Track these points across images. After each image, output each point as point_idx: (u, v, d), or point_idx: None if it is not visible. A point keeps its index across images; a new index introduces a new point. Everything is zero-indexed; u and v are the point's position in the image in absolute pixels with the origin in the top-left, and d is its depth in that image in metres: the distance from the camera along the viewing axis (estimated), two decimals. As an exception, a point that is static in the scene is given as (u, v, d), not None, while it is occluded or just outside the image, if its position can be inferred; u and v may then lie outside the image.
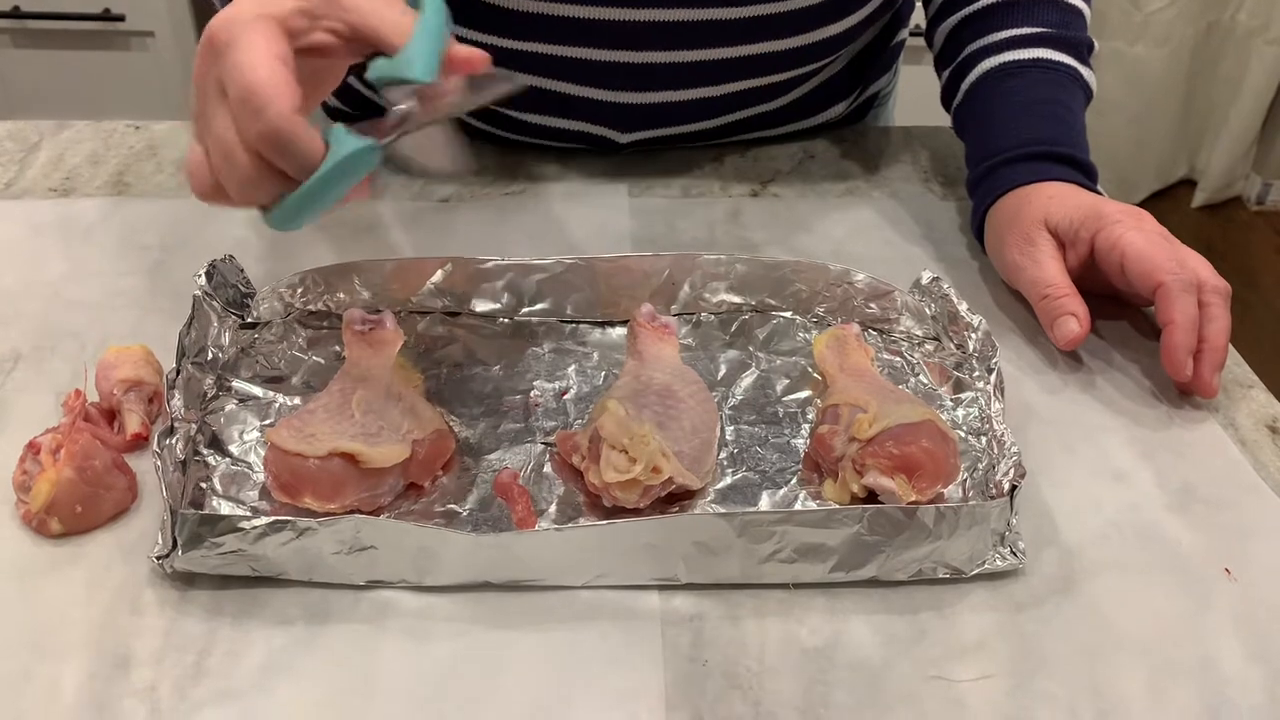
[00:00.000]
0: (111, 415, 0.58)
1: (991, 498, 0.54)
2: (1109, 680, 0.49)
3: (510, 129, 0.83)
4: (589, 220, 0.77)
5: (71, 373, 0.61)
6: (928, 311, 0.66)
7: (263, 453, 0.55)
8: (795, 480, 0.57)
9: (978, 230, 0.75)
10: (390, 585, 0.51)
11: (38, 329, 0.65)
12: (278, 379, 0.61)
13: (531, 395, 0.62)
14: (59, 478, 0.52)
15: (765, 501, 0.56)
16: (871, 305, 0.67)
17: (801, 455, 0.58)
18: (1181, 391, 0.64)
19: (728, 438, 0.59)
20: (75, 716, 0.46)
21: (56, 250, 0.72)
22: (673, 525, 0.51)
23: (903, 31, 0.91)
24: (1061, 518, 0.56)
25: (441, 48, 0.50)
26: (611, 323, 0.67)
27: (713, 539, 0.50)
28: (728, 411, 0.61)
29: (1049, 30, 0.75)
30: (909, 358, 0.65)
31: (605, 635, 0.50)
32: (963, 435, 0.59)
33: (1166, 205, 2.48)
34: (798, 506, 0.56)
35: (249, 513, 0.53)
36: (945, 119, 0.82)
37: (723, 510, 0.55)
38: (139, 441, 0.57)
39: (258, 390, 0.60)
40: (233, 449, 0.57)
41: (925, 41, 0.84)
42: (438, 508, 0.55)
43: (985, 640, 0.51)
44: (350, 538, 0.50)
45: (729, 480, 0.57)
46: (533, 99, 0.79)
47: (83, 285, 0.69)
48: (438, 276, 0.66)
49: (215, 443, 0.57)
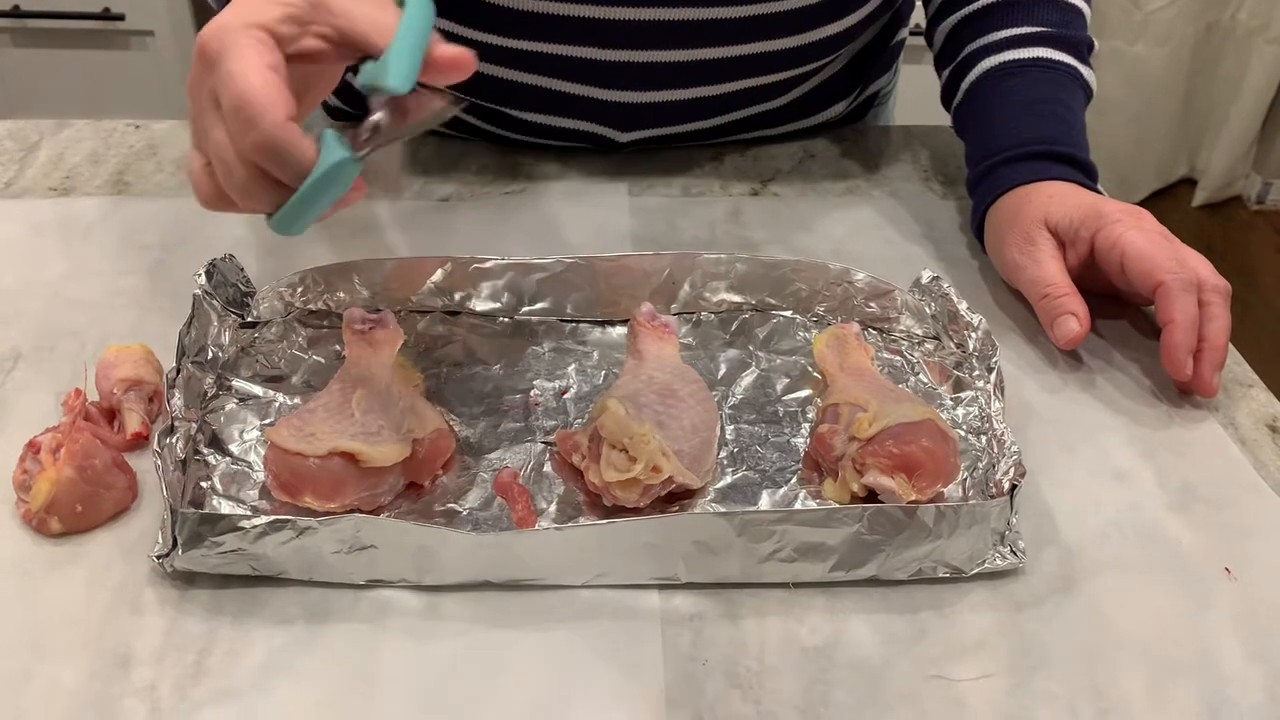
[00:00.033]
0: (111, 414, 0.58)
1: (991, 497, 0.54)
2: (1109, 679, 0.49)
3: (510, 128, 0.83)
4: (589, 219, 0.77)
5: (71, 372, 0.61)
6: (928, 311, 0.66)
7: (263, 452, 0.55)
8: (795, 479, 0.57)
9: (978, 229, 0.75)
10: (390, 584, 0.51)
11: (38, 328, 0.65)
12: (278, 378, 0.61)
13: (531, 394, 0.62)
14: (59, 477, 0.52)
15: (765, 501, 0.56)
16: (871, 304, 0.67)
17: (801, 454, 0.58)
18: (1181, 391, 0.64)
19: (728, 437, 0.59)
20: (75, 716, 0.46)
21: (56, 249, 0.72)
22: (673, 524, 0.51)
23: (903, 31, 0.91)
24: (1061, 517, 0.56)
25: (420, 55, 0.49)
26: (611, 322, 0.67)
27: (713, 538, 0.50)
28: (728, 411, 0.61)
29: (1049, 29, 0.75)
30: (909, 357, 0.65)
31: (605, 634, 0.50)
32: (963, 434, 0.59)
33: (1167, 204, 2.48)
34: (798, 506, 0.56)
35: (249, 512, 0.53)
36: (945, 118, 0.82)
37: (723, 509, 0.55)
38: (139, 441, 0.57)
39: (258, 389, 0.60)
40: (233, 448, 0.57)
41: (925, 41, 0.84)
42: (438, 507, 0.55)
43: (985, 639, 0.51)
44: (350, 537, 0.50)
45: (729, 479, 0.57)
46: (533, 98, 0.79)
47: (83, 284, 0.69)
48: (438, 276, 0.66)
49: (215, 442, 0.57)
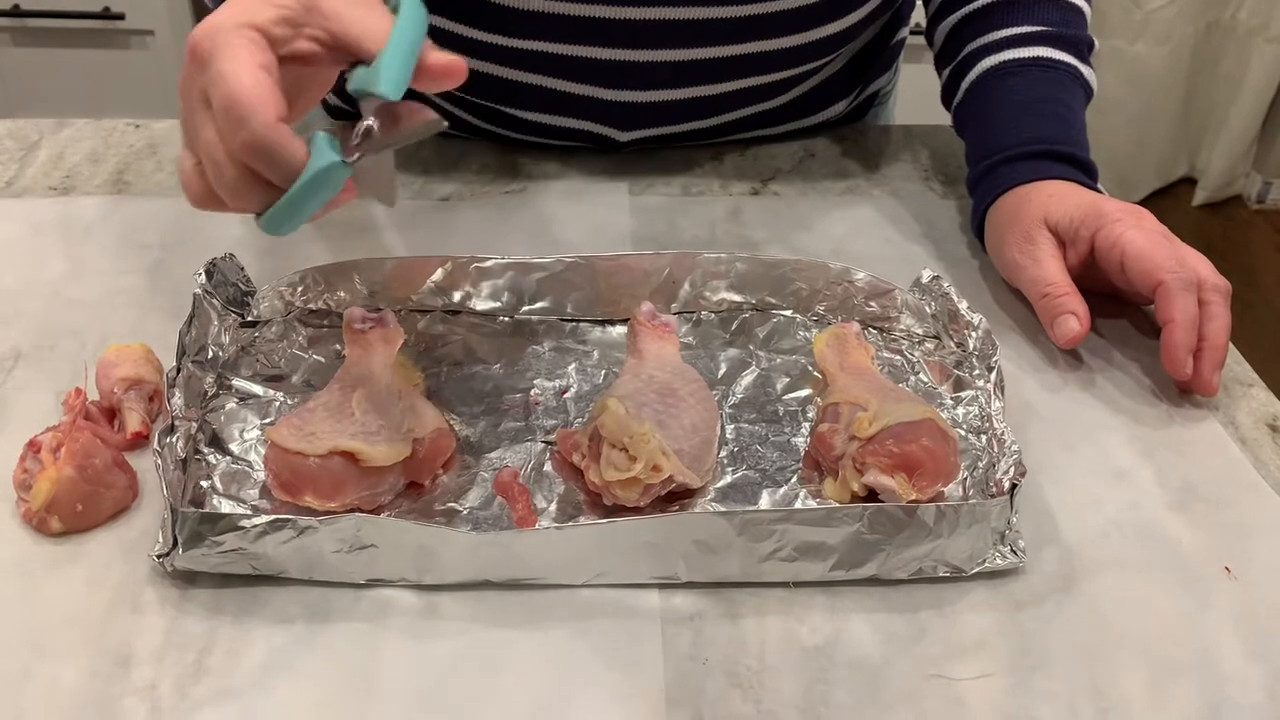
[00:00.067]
0: (112, 414, 0.58)
1: (992, 496, 0.54)
2: (1109, 678, 0.49)
3: (510, 127, 0.83)
4: (589, 219, 0.77)
5: (72, 371, 0.61)
6: (928, 310, 0.66)
7: (263, 451, 0.55)
8: (795, 479, 0.57)
9: (978, 229, 0.75)
10: (390, 584, 0.51)
11: (38, 327, 0.65)
12: (278, 377, 0.61)
13: (532, 394, 0.62)
14: (59, 476, 0.52)
15: (765, 500, 0.56)
16: (872, 304, 0.67)
17: (802, 454, 0.58)
18: (1182, 390, 0.64)
19: (728, 436, 0.59)
20: (75, 715, 0.46)
21: (56, 249, 0.72)
22: (673, 524, 0.51)
23: (903, 30, 0.91)
24: (1062, 516, 0.56)
25: (413, 62, 0.49)
26: (612, 321, 0.67)
27: (713, 538, 0.50)
28: (728, 410, 0.61)
29: (1049, 29, 0.75)
30: (909, 356, 0.65)
31: (605, 634, 0.50)
32: (963, 434, 0.59)
33: (1167, 204, 2.48)
34: (798, 505, 0.56)
35: (249, 511, 0.53)
36: (945, 117, 0.82)
37: (723, 509, 0.55)
38: (139, 440, 0.57)
39: (258, 389, 0.60)
40: (233, 447, 0.57)
41: (925, 40, 0.84)
42: (438, 506, 0.55)
43: (985, 639, 0.51)
44: (350, 536, 0.50)
45: (729, 479, 0.57)
46: (533, 97, 0.79)
47: (83, 284, 0.69)
48: (438, 275, 0.66)
49: (216, 441, 0.57)
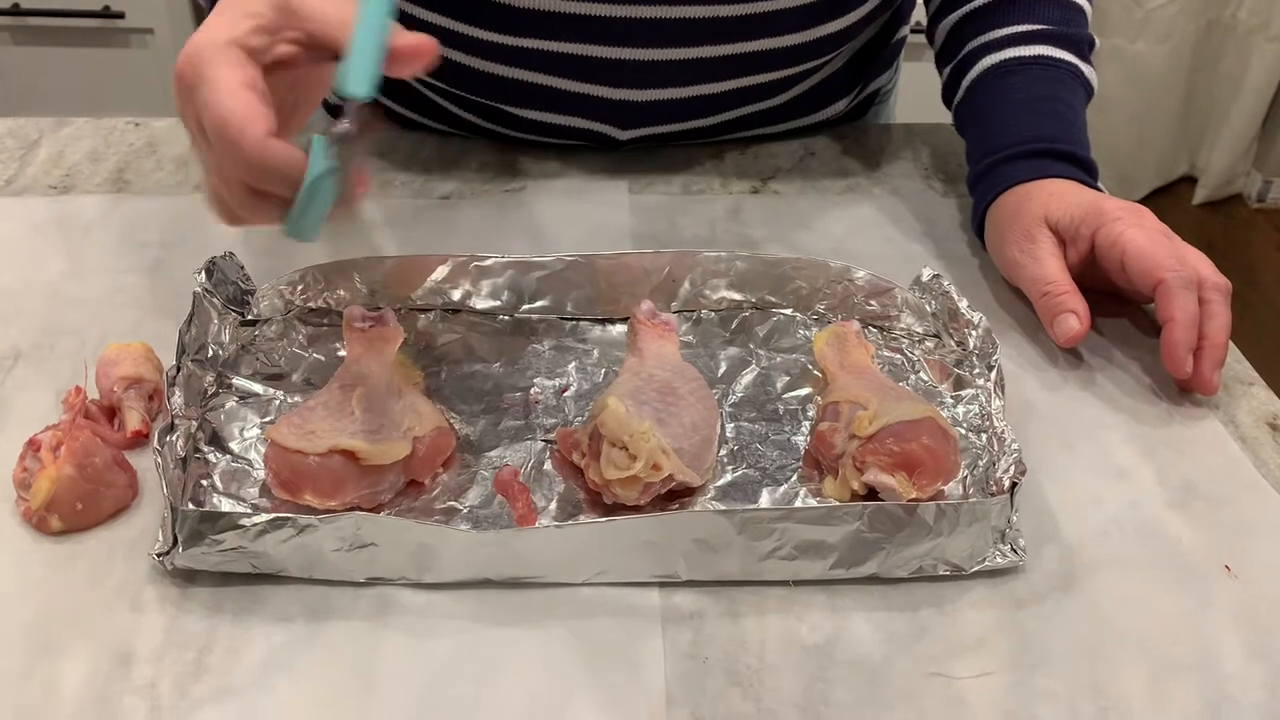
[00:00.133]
0: (112, 412, 0.58)
1: (992, 495, 0.54)
2: (1109, 677, 0.49)
3: (510, 125, 0.83)
4: (589, 217, 0.77)
5: (72, 370, 0.61)
6: (928, 309, 0.66)
7: (263, 450, 0.55)
8: (795, 477, 0.57)
9: (978, 227, 0.75)
10: (390, 582, 0.51)
11: (38, 326, 0.65)
12: (278, 376, 0.61)
13: (532, 392, 0.62)
14: (59, 475, 0.51)
15: (765, 499, 0.56)
16: (872, 302, 0.67)
17: (802, 452, 0.58)
18: (1182, 389, 0.64)
19: (728, 435, 0.59)
20: (76, 714, 0.46)
21: (56, 248, 0.72)
22: (673, 522, 0.51)
23: (904, 28, 0.91)
24: (1062, 515, 0.56)
25: (380, 54, 0.49)
26: (612, 320, 0.67)
27: (713, 536, 0.50)
28: (728, 409, 0.61)
29: (1050, 27, 0.75)
30: (909, 355, 0.65)
31: (605, 632, 0.50)
32: (963, 432, 0.59)
33: (1167, 202, 2.48)
34: (798, 504, 0.56)
35: (249, 510, 0.53)
36: (946, 116, 0.82)
37: (723, 507, 0.55)
38: (139, 439, 0.57)
39: (258, 387, 0.60)
40: (233, 446, 0.57)
41: (926, 39, 0.84)
42: (438, 505, 0.55)
43: (985, 637, 0.51)
44: (350, 535, 0.50)
45: (729, 477, 0.57)
46: (533, 95, 0.79)
47: (83, 282, 0.69)
48: (438, 274, 0.66)
49: (216, 440, 0.57)
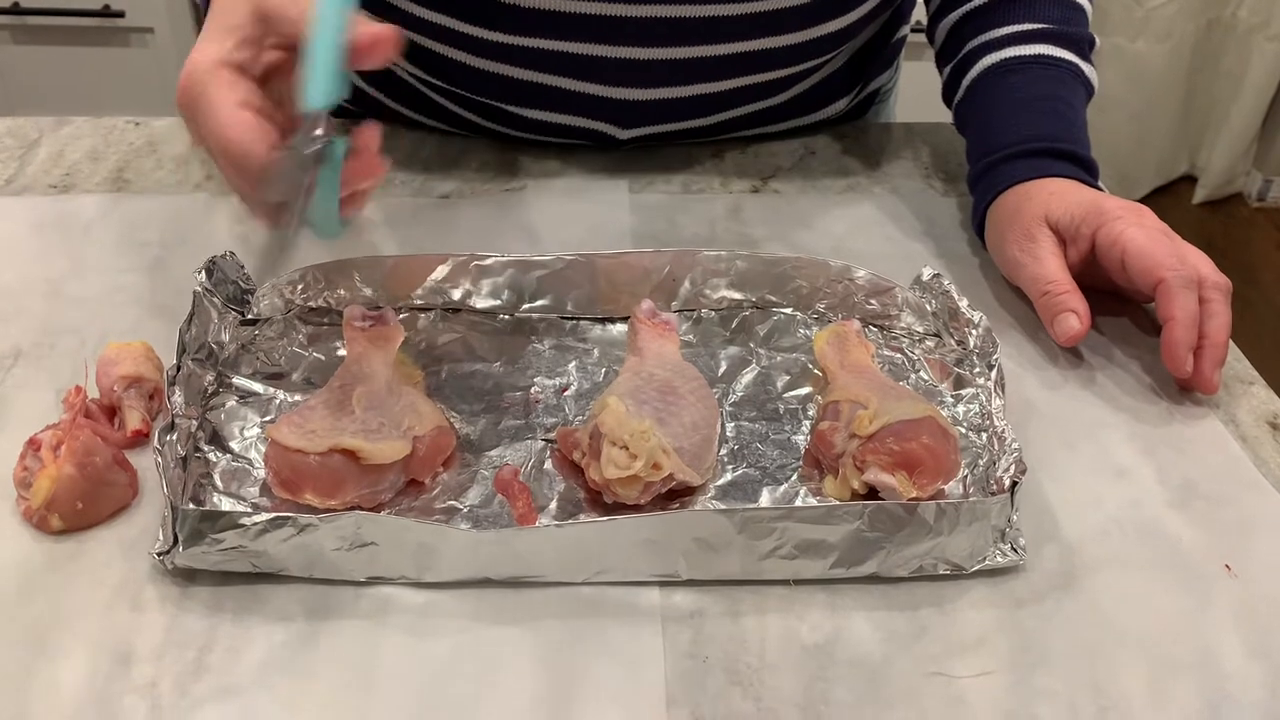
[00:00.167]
0: (112, 412, 0.58)
1: (992, 494, 0.54)
2: (1109, 676, 0.49)
3: (510, 125, 0.83)
4: (589, 216, 0.77)
5: (72, 369, 0.61)
6: (928, 308, 0.66)
7: (263, 449, 0.55)
8: (796, 477, 0.57)
9: (978, 226, 0.75)
10: (391, 581, 0.51)
11: (38, 326, 0.65)
12: (278, 375, 0.61)
13: (532, 392, 0.62)
14: (60, 474, 0.51)
15: (766, 498, 0.56)
16: (872, 301, 0.67)
17: (802, 452, 0.58)
18: (1182, 388, 0.64)
19: (728, 434, 0.59)
20: (76, 713, 0.46)
21: (56, 247, 0.72)
22: (673, 521, 0.51)
23: (904, 28, 0.91)
24: (1062, 514, 0.56)
25: (338, 61, 0.49)
26: (612, 319, 0.67)
27: (713, 535, 0.50)
28: (728, 408, 0.61)
29: (1050, 26, 0.75)
30: (910, 354, 0.65)
31: (605, 632, 0.50)
32: (963, 431, 0.59)
33: (1167, 201, 2.48)
34: (798, 503, 0.56)
35: (250, 509, 0.53)
36: (946, 115, 0.82)
37: (723, 506, 0.55)
38: (139, 438, 0.57)
39: (258, 387, 0.60)
40: (233, 445, 0.57)
41: (926, 38, 0.84)
42: (438, 504, 0.55)
43: (986, 636, 0.51)
44: (351, 534, 0.50)
45: (729, 476, 0.57)
46: (533, 94, 0.79)
47: (83, 282, 0.69)
48: (438, 273, 0.66)
49: (216, 439, 0.57)
